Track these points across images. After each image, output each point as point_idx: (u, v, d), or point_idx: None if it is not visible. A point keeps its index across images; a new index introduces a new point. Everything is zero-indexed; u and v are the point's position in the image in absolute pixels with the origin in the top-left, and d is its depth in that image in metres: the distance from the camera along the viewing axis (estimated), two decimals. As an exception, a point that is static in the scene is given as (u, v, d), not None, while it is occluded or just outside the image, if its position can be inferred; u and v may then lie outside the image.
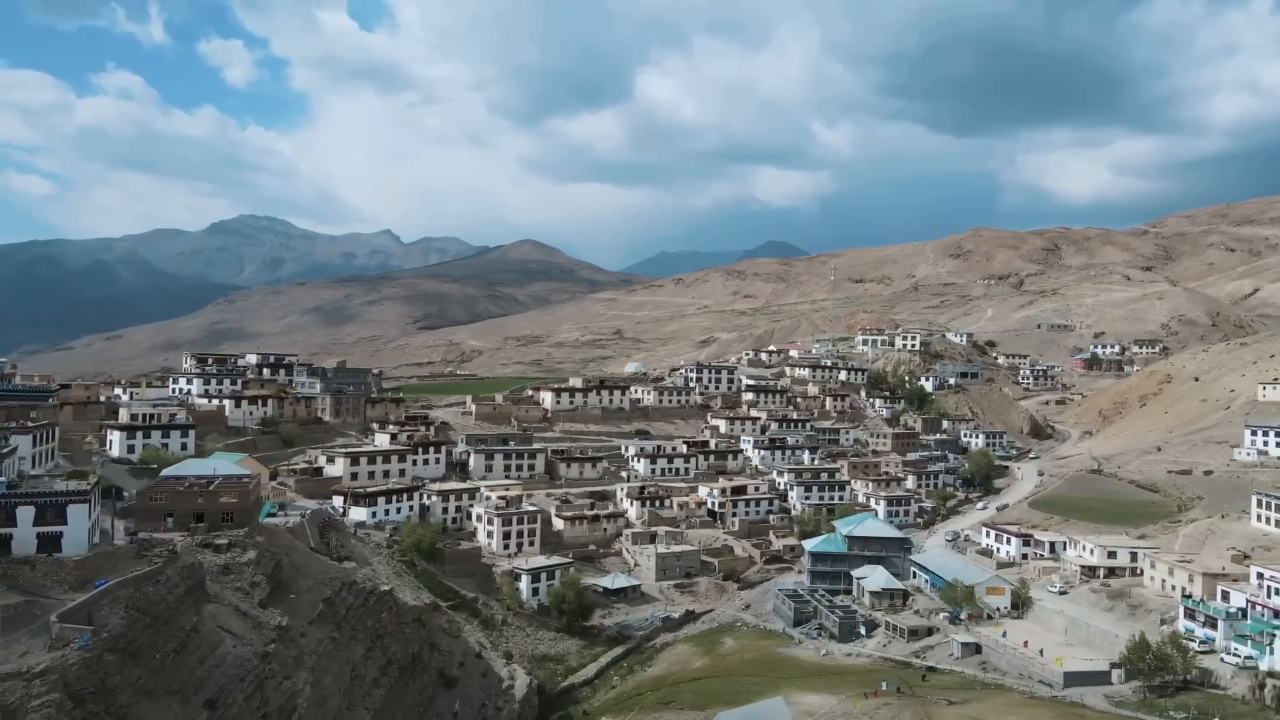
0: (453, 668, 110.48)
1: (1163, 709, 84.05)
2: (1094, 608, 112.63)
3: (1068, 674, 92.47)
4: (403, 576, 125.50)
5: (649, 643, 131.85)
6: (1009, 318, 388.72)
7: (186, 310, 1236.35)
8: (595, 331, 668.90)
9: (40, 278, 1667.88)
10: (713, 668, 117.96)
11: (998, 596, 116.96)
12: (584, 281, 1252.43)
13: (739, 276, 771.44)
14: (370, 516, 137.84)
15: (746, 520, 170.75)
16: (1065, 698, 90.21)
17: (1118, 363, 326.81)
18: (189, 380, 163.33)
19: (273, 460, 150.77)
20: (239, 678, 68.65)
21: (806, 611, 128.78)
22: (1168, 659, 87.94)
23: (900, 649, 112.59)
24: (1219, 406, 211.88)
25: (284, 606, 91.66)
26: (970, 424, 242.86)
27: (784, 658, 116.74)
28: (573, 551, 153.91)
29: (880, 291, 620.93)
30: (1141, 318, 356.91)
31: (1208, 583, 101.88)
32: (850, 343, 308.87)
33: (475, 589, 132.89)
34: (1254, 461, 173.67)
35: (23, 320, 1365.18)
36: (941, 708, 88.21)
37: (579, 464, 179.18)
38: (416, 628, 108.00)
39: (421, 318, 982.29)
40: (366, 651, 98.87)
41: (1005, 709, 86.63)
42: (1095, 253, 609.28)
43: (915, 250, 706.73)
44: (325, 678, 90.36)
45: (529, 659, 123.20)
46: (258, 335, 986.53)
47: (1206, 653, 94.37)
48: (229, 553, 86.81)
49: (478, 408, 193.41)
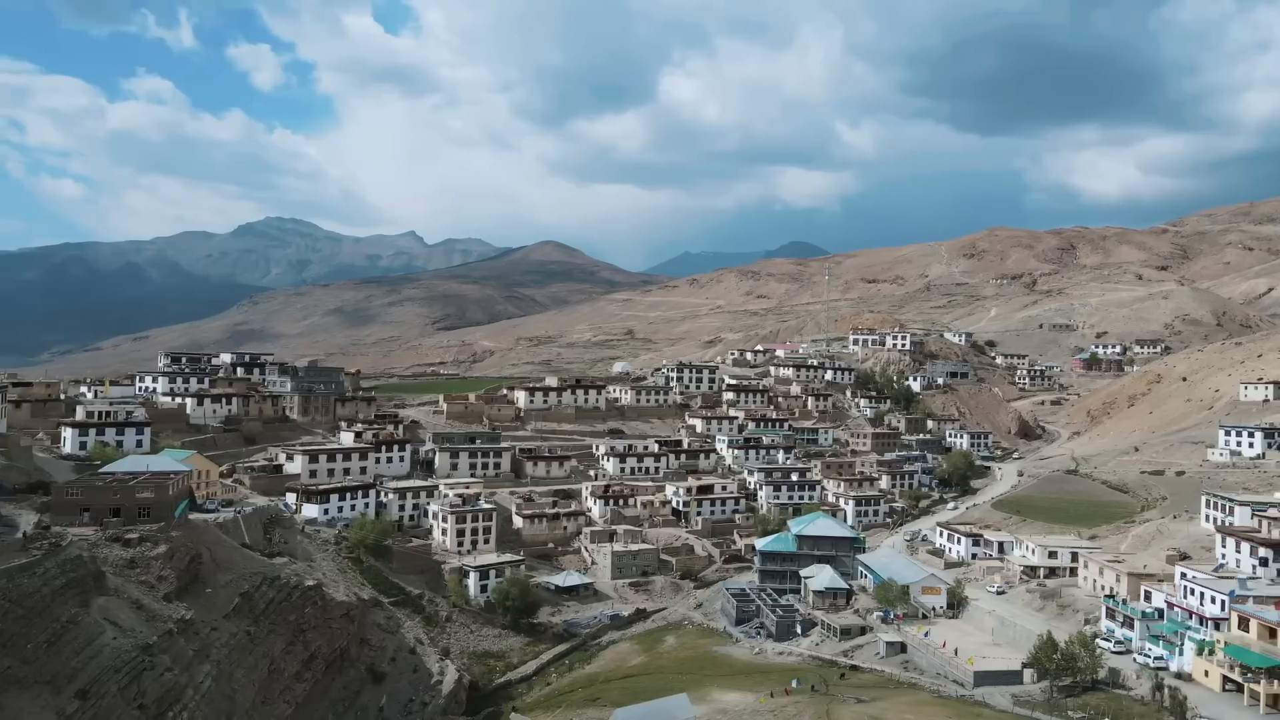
0: (383, 663, 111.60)
1: (1063, 709, 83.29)
2: (1026, 608, 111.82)
3: (978, 673, 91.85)
4: (346, 573, 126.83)
5: (594, 640, 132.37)
6: (1011, 317, 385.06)
7: (213, 311, 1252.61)
8: (608, 332, 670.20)
9: (72, 280, 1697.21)
10: (647, 665, 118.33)
11: (933, 596, 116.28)
12: (604, 282, 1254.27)
13: (753, 277, 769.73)
14: (322, 513, 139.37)
15: (710, 519, 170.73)
16: (972, 697, 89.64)
17: (1118, 363, 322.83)
18: (154, 379, 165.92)
19: (233, 458, 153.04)
20: (114, 669, 69.74)
21: (749, 610, 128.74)
22: (1074, 659, 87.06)
23: (831, 648, 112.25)
24: (1202, 407, 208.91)
25: (199, 600, 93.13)
26: (956, 424, 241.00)
27: (718, 656, 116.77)
28: (530, 549, 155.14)
29: (893, 291, 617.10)
30: (1145, 317, 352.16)
31: (1132, 583, 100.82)
32: (844, 343, 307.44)
33: (423, 586, 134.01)
34: (1226, 462, 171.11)
35: (55, 321, 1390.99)
36: (846, 705, 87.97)
37: (545, 462, 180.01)
38: (345, 623, 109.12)
39: (440, 318, 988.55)
40: (288, 646, 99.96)
41: (907, 707, 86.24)
42: (1111, 252, 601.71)
43: (930, 250, 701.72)
44: (237, 670, 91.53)
45: (469, 655, 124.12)
46: (280, 336, 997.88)
47: (1122, 653, 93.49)
48: (138, 547, 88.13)
49: (449, 407, 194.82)
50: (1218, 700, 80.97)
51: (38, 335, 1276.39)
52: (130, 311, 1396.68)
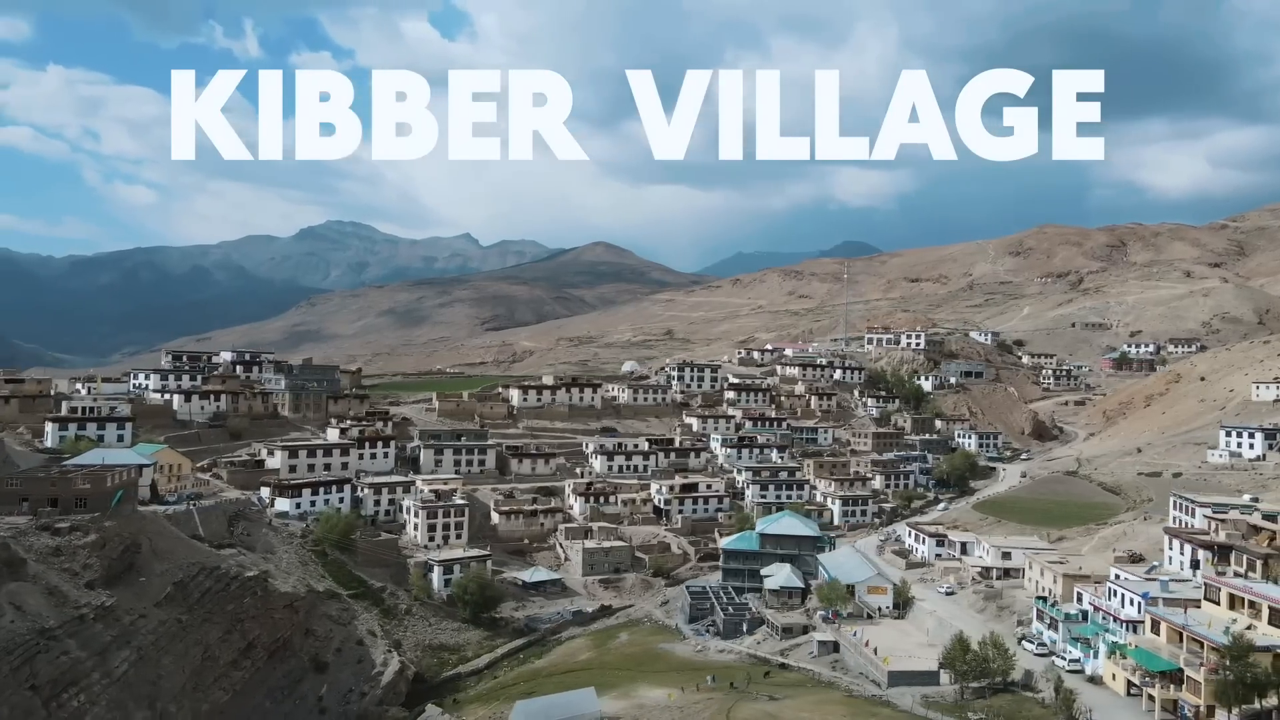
0: (327, 653, 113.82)
1: (964, 710, 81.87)
2: (969, 609, 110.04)
3: (892, 673, 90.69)
4: (307, 565, 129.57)
5: (554, 636, 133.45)
6: (1043, 316, 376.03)
7: (274, 313, 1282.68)
8: (647, 332, 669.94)
9: (143, 283, 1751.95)
10: (591, 661, 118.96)
11: (879, 596, 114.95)
12: (653, 283, 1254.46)
13: (796, 277, 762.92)
14: (294, 507, 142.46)
15: (691, 518, 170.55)
16: (883, 697, 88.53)
17: (1150, 362, 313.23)
18: (146, 376, 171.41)
19: (216, 453, 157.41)
20: (6, 650, 72.75)
21: (703, 609, 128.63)
22: (987, 660, 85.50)
23: (771, 646, 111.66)
24: (1215, 407, 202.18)
25: (131, 588, 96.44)
26: (965, 424, 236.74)
27: (661, 653, 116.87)
28: (506, 545, 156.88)
29: (935, 291, 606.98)
30: (1182, 315, 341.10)
31: (1066, 584, 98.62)
32: (861, 342, 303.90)
33: (387, 579, 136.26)
34: (1225, 464, 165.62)
35: (127, 323, 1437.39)
36: (750, 703, 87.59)
37: (531, 460, 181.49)
38: (288, 614, 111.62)
39: (489, 319, 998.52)
40: (224, 634, 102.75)
41: (809, 706, 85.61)
42: (1163, 249, 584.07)
43: (976, 249, 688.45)
44: (165, 657, 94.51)
45: (424, 648, 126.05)
46: (334, 337, 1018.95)
47: (1045, 655, 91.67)
48: (68, 535, 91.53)
49: (441, 404, 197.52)
50: (1120, 704, 79.06)
51: (111, 337, 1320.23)
52: (196, 313, 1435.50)
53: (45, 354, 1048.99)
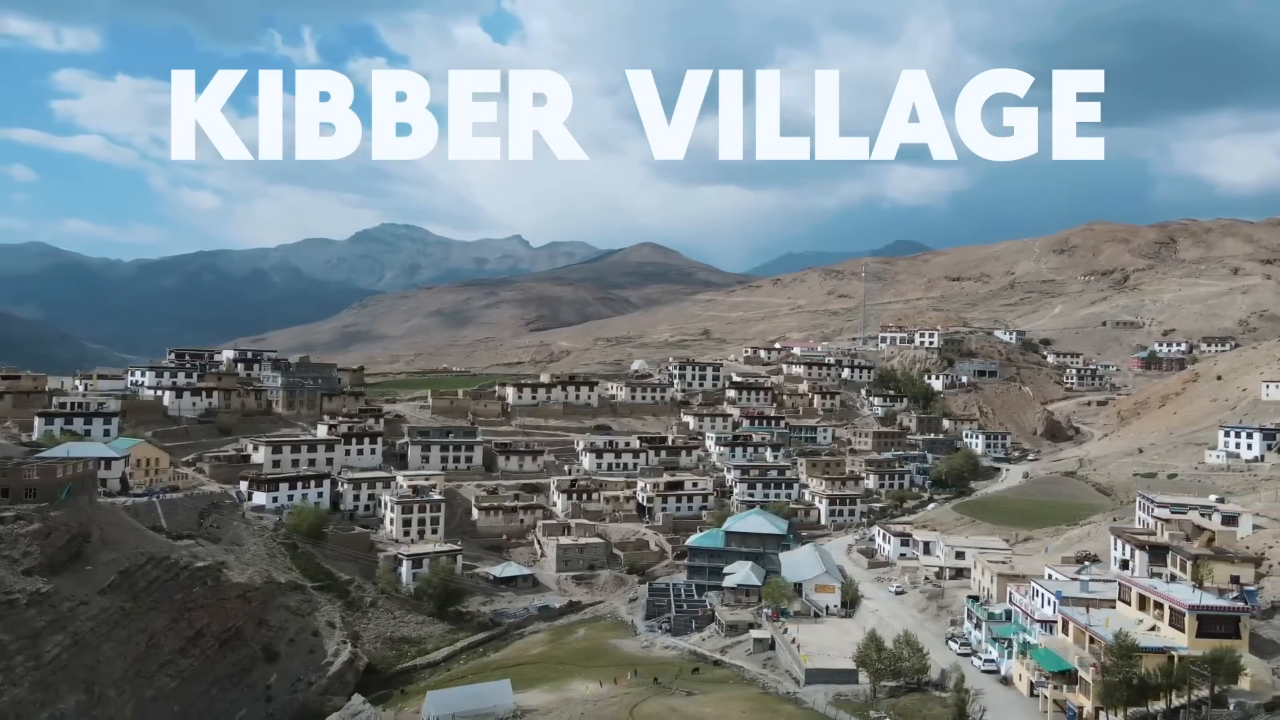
0: (280, 643, 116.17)
1: (867, 709, 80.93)
2: (912, 608, 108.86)
3: (809, 671, 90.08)
4: (275, 557, 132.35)
5: (517, 631, 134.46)
6: (1074, 315, 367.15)
7: (328, 315, 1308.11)
8: (685, 332, 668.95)
9: (206, 285, 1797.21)
10: (541, 656, 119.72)
11: (827, 595, 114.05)
12: (699, 284, 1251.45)
13: (836, 276, 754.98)
14: (271, 501, 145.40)
15: (674, 516, 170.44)
16: (797, 694, 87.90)
17: (1180, 361, 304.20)
18: (143, 373, 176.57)
19: (204, 448, 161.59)
20: (-80, 631, 75.97)
21: (659, 606, 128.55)
22: (898, 659, 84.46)
23: (715, 643, 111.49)
24: (1225, 407, 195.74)
25: (76, 576, 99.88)
26: (974, 424, 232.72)
27: (608, 649, 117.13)
28: (484, 541, 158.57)
29: (976, 290, 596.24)
30: (1218, 314, 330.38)
31: (1001, 584, 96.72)
32: (876, 341, 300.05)
33: (356, 572, 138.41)
34: (1221, 464, 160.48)
35: (189, 324, 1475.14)
36: (663, 698, 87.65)
37: (519, 457, 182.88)
38: (240, 603, 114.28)
39: (534, 319, 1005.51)
40: (171, 623, 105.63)
41: (717, 702, 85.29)
42: (1214, 246, 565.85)
43: (1022, 247, 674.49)
44: (105, 643, 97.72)
45: (384, 640, 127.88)
46: (384, 337, 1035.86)
47: (968, 655, 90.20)
48: (12, 524, 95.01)
49: (435, 402, 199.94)
50: (1021, 705, 77.75)
51: (174, 338, 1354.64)
52: (255, 315, 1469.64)
53: (111, 354, 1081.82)
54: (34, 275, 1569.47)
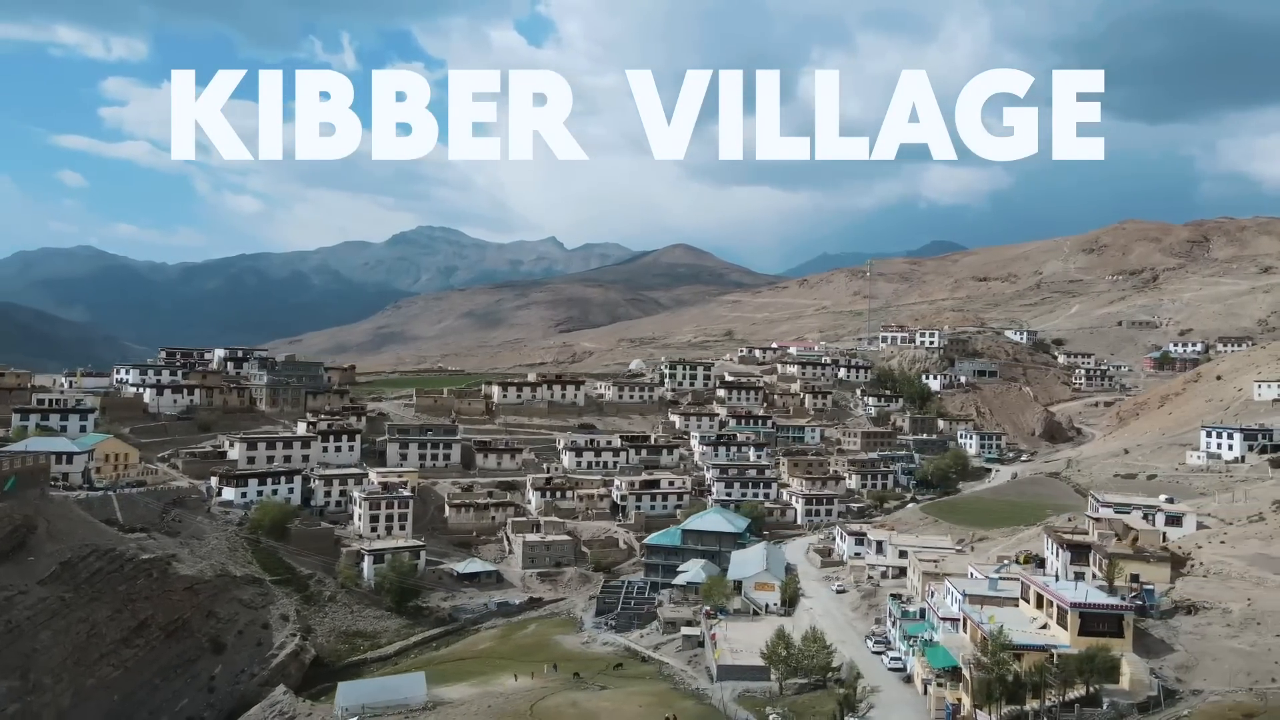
0: (228, 635, 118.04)
1: (765, 705, 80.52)
2: (847, 607, 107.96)
3: (721, 668, 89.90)
4: (236, 551, 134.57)
5: (474, 626, 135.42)
6: (1090, 314, 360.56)
7: (364, 316, 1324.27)
8: (708, 333, 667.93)
9: (247, 287, 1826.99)
10: (485, 651, 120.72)
11: (766, 592, 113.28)
12: (730, 285, 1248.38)
13: (863, 276, 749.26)
14: (240, 496, 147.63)
15: (648, 514, 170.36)
16: (705, 690, 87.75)
17: (1195, 361, 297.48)
18: (127, 371, 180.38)
19: (182, 444, 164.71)
20: None
21: (610, 603, 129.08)
22: (806, 656, 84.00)
23: (651, 640, 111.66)
24: (1219, 407, 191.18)
25: (17, 567, 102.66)
26: (969, 424, 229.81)
27: (549, 644, 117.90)
28: (454, 537, 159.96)
29: (1003, 290, 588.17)
30: (1237, 313, 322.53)
31: (924, 582, 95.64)
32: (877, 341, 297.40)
33: (318, 567, 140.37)
34: (1201, 465, 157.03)
35: (231, 325, 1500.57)
36: (573, 692, 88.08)
37: (497, 455, 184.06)
38: (188, 595, 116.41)
39: (563, 321, 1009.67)
40: (113, 613, 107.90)
41: (622, 697, 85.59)
42: (1248, 244, 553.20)
43: (1052, 246, 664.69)
44: (43, 632, 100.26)
45: (338, 634, 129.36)
46: (416, 338, 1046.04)
47: (881, 653, 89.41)
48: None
49: (419, 400, 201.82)
50: (912, 702, 76.87)
51: (215, 339, 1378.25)
52: (294, 316, 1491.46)
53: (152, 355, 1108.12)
54: (82, 278, 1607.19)
